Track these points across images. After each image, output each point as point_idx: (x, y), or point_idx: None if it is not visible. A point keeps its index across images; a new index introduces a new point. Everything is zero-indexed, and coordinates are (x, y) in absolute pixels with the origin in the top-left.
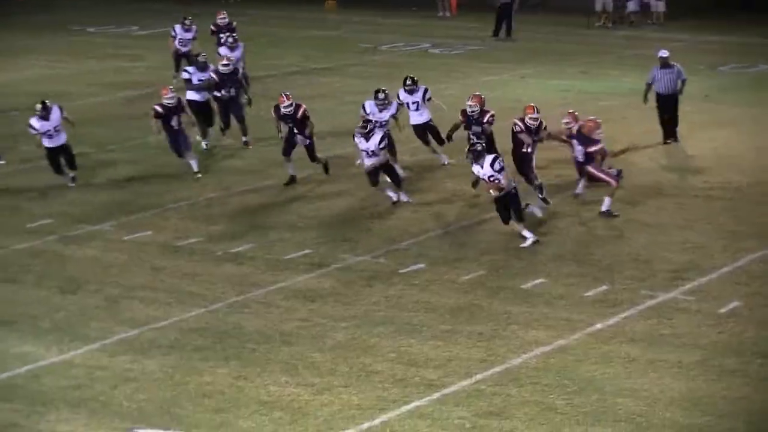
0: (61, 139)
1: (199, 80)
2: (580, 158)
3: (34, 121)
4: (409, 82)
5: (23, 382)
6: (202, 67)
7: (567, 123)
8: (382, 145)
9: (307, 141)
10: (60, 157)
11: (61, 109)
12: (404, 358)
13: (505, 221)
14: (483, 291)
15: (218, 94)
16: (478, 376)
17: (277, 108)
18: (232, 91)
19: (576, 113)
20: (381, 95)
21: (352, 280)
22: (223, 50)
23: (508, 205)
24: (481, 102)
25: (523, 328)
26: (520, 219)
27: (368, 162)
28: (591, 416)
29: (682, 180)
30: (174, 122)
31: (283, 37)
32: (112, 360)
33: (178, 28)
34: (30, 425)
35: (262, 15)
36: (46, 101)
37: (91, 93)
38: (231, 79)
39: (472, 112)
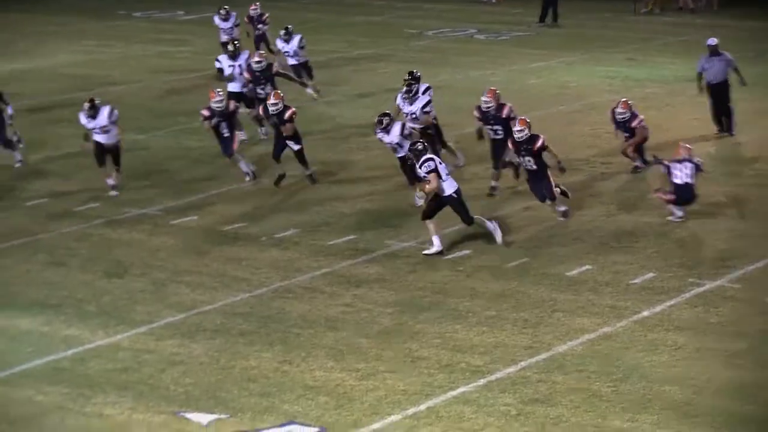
0: (111, 137)
1: (230, 66)
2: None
3: (82, 117)
4: (407, 76)
5: (69, 365)
6: (233, 56)
7: (621, 114)
8: (405, 133)
9: (297, 146)
10: (106, 154)
11: (112, 111)
12: (450, 344)
13: (426, 217)
14: (528, 278)
15: (251, 90)
16: (524, 363)
17: (265, 107)
18: (268, 88)
19: (630, 102)
20: (404, 88)
21: (397, 265)
22: (279, 43)
23: (441, 207)
24: (496, 96)
25: (569, 315)
26: (469, 222)
27: (399, 154)
28: (637, 404)
29: (731, 168)
30: (223, 128)
31: (326, 22)
32: (158, 344)
33: (216, 18)
34: (77, 408)
35: (304, 1)
36: (96, 100)
37: (135, 78)
38: (264, 75)
39: (488, 107)
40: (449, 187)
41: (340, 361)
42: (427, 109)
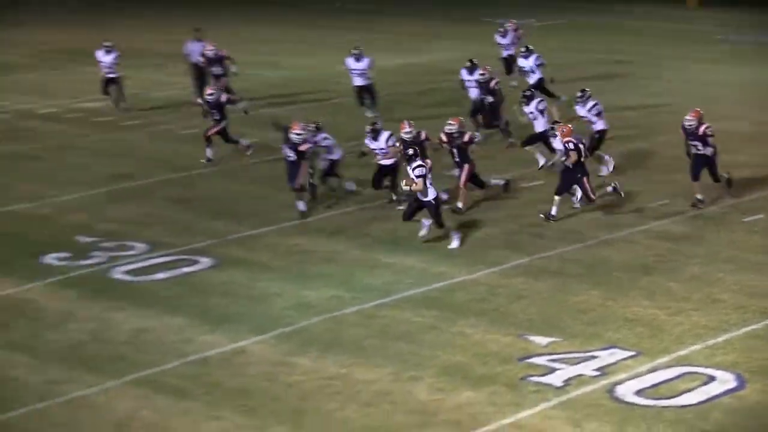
0: (389, 160)
1: (467, 80)
2: None
3: (367, 139)
4: (579, 94)
5: (440, 294)
6: (471, 71)
7: None
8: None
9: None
10: (384, 177)
11: (390, 136)
12: (745, 290)
13: (407, 218)
14: None
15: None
16: None
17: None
18: (489, 98)
19: None
20: (579, 93)
21: (702, 225)
22: (520, 60)
23: (420, 209)
24: (699, 117)
25: None
26: (440, 226)
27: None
28: None
29: None
30: (414, 159)
31: (635, 28)
32: (509, 281)
33: (497, 36)
34: (445, 328)
35: (624, 9)
36: (377, 124)
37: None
38: (485, 87)
39: (690, 126)
40: (430, 194)
41: (653, 300)
42: (594, 111)
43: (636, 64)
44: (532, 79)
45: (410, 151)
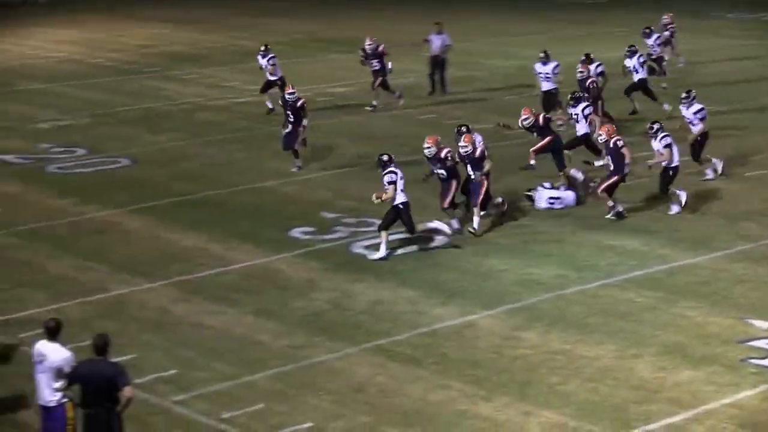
0: None
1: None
2: None
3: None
4: (684, 95)
5: (662, 276)
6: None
7: None
8: (665, 144)
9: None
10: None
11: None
12: None
13: (382, 228)
14: None
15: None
16: None
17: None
18: (582, 94)
19: None
20: (683, 93)
21: None
22: (626, 60)
23: (399, 216)
24: None
25: None
26: (411, 232)
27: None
28: None
29: None
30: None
31: None
32: (731, 265)
33: (644, 38)
34: (666, 309)
35: None
36: (465, 126)
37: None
38: (582, 86)
39: None
40: (398, 199)
41: None
42: (699, 115)
43: None
44: (635, 78)
45: (384, 157)
